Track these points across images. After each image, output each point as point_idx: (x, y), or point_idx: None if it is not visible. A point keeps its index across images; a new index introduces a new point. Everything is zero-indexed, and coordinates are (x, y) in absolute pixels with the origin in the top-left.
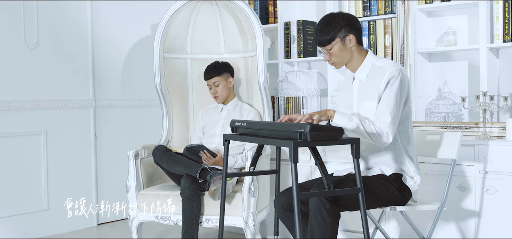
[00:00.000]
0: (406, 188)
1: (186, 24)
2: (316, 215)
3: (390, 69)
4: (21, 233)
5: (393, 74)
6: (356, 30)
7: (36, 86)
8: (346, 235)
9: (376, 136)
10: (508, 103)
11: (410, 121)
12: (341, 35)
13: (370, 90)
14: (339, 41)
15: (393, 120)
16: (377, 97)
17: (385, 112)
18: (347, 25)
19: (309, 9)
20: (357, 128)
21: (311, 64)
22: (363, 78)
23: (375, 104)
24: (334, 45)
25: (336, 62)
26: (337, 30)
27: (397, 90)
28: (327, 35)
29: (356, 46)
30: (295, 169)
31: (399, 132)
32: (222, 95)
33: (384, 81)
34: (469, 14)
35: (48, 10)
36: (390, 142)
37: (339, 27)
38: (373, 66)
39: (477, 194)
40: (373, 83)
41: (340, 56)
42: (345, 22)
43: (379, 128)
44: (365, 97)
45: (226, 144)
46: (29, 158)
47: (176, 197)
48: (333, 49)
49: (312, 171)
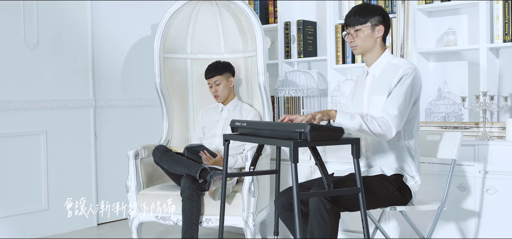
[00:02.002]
0: (406, 188)
1: (186, 24)
2: (316, 215)
3: (404, 67)
4: (21, 233)
5: (407, 71)
6: (387, 25)
7: (36, 86)
8: (346, 235)
9: (379, 131)
10: (508, 103)
11: (417, 122)
12: (373, 22)
13: (382, 85)
14: (370, 26)
15: (400, 114)
16: (388, 92)
17: (393, 105)
18: (381, 16)
19: (309, 9)
20: (359, 125)
21: (311, 64)
22: (377, 73)
23: (385, 98)
24: (364, 27)
25: (358, 45)
26: (371, 16)
27: (408, 87)
28: (361, 17)
29: (381, 39)
30: (295, 169)
31: (404, 130)
32: (223, 94)
33: (396, 78)
34: (469, 14)
35: (48, 10)
36: (393, 135)
37: (374, 14)
38: (389, 63)
39: (477, 194)
40: (385, 78)
41: (365, 40)
42: (380, 13)
43: (382, 121)
44: (376, 92)
45: (226, 144)
46: (29, 158)
47: (176, 197)
48: (361, 32)
49: (312, 171)
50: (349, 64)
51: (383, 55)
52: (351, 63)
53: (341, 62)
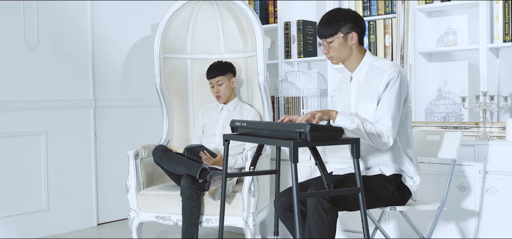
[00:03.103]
0: (405, 188)
1: (186, 24)
2: (314, 214)
3: (389, 71)
4: (21, 233)
5: (392, 76)
6: (360, 29)
7: (36, 86)
8: (346, 235)
9: (376, 139)
10: (508, 103)
11: (409, 121)
12: (344, 31)
13: (369, 91)
14: (341, 36)
15: (394, 123)
16: (377, 98)
17: (386, 115)
18: (352, 23)
19: (309, 9)
20: (358, 130)
21: (311, 64)
22: (361, 79)
23: (374, 106)
24: (335, 39)
25: (333, 57)
26: (341, 25)
27: (397, 93)
28: (330, 28)
29: (357, 45)
30: (295, 169)
31: (398, 132)
32: (225, 95)
33: (383, 83)
34: (469, 14)
35: (48, 10)
36: (390, 145)
37: (344, 22)
38: (371, 66)
39: (477, 194)
40: (371, 84)
41: (339, 51)
42: (350, 19)
43: (380, 130)
44: (364, 99)
45: (226, 144)
46: (29, 158)
47: (176, 197)
48: (334, 43)
49: (312, 171)
50: None
51: (364, 59)
52: None
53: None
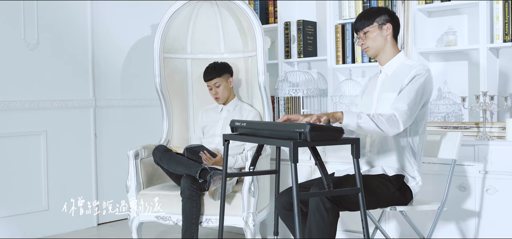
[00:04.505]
0: (407, 189)
1: (186, 24)
2: (315, 214)
3: (418, 67)
4: (21, 233)
5: (420, 71)
6: (395, 22)
7: (36, 86)
8: (346, 235)
9: (386, 126)
10: (508, 103)
11: (424, 124)
12: (380, 21)
13: (393, 83)
14: (377, 26)
15: (409, 110)
16: (399, 90)
17: (403, 101)
18: (388, 15)
19: (309, 9)
20: (367, 123)
21: (311, 64)
22: (390, 72)
23: (395, 96)
24: (371, 28)
25: (369, 47)
26: (377, 16)
27: (419, 86)
28: (367, 20)
29: (391, 37)
30: (295, 169)
31: (410, 130)
32: (223, 96)
33: (409, 77)
34: (469, 14)
35: (48, 10)
36: (400, 131)
37: (379, 14)
38: (402, 64)
39: (477, 194)
40: (398, 77)
41: (375, 40)
42: (386, 12)
43: (389, 117)
44: (386, 89)
45: (226, 144)
46: (29, 158)
47: (176, 197)
48: (370, 33)
49: (312, 171)
50: (349, 64)
51: (398, 56)
52: (351, 63)
53: (341, 62)
